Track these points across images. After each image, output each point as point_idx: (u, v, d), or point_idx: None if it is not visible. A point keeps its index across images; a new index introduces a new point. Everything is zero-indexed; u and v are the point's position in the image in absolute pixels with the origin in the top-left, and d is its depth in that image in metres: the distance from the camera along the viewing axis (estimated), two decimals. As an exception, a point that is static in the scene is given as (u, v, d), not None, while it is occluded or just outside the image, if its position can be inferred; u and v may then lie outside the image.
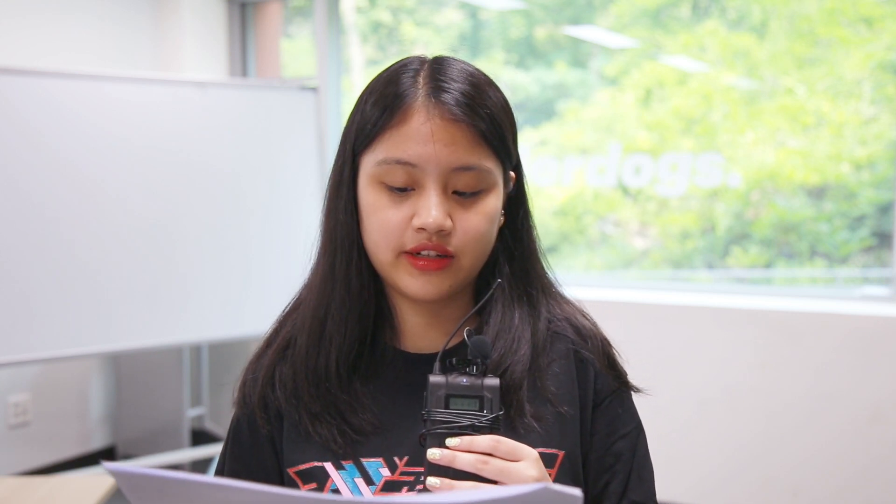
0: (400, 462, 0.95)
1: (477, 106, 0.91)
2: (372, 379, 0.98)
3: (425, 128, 0.89)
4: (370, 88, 0.95)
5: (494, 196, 0.94)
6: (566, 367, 0.99)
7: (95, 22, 3.89)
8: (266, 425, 1.00)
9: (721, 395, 3.23)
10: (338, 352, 0.96)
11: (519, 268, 1.00)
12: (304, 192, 3.75)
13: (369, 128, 0.92)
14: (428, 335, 1.00)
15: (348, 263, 0.95)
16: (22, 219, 3.14)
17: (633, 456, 1.00)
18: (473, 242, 0.92)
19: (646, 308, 3.40)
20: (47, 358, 3.25)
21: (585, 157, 3.86)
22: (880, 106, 3.38)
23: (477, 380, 0.85)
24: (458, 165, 0.90)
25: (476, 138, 0.91)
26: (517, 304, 0.99)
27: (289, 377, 0.99)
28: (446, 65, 0.94)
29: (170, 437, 3.97)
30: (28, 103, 3.16)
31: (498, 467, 0.82)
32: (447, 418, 0.84)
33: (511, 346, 0.96)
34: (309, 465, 0.96)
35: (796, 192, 3.55)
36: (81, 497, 1.84)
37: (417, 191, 0.91)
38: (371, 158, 0.92)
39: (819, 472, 3.08)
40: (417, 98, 0.91)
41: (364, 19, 4.45)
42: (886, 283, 3.24)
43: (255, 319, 3.57)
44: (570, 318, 1.03)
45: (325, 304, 0.97)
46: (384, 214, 0.91)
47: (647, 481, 1.01)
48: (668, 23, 3.81)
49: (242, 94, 3.69)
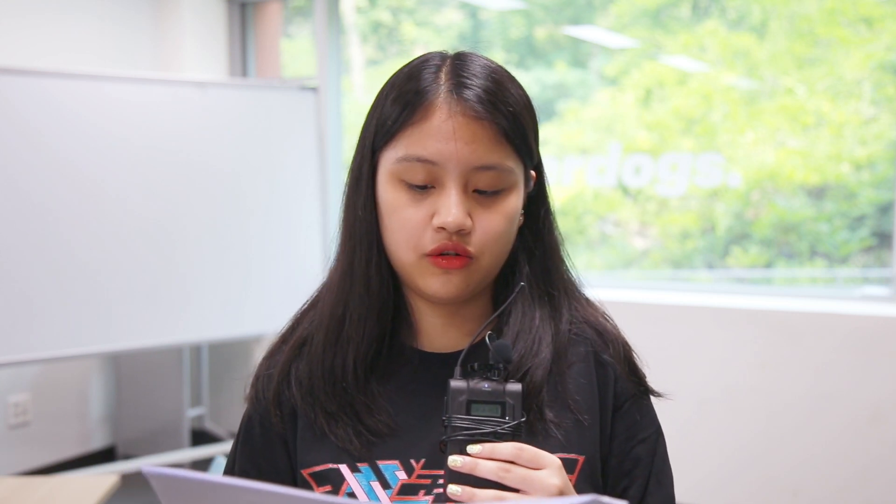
0: (416, 464, 0.92)
1: (499, 103, 0.89)
2: (388, 379, 0.96)
3: (447, 125, 0.87)
4: (390, 84, 0.93)
5: (515, 196, 0.92)
6: (586, 371, 0.97)
7: (95, 22, 3.89)
8: (280, 423, 0.97)
9: (721, 395, 3.23)
10: (355, 351, 0.94)
11: (540, 268, 0.98)
12: (304, 192, 3.75)
13: (389, 124, 0.90)
14: (446, 334, 0.98)
15: (367, 261, 0.93)
16: (22, 219, 3.14)
17: (653, 461, 0.99)
18: (493, 242, 0.90)
19: (646, 308, 3.40)
20: (47, 358, 3.25)
21: (585, 157, 3.86)
22: (880, 106, 3.38)
23: (499, 385, 0.83)
24: (479, 164, 0.88)
25: (498, 136, 0.89)
26: (538, 304, 0.97)
27: (304, 375, 0.97)
28: (468, 60, 0.92)
29: (170, 437, 3.97)
30: (28, 103, 3.16)
31: (520, 475, 0.80)
32: (468, 425, 0.82)
33: (531, 347, 0.94)
34: (324, 467, 0.94)
35: (796, 192, 3.54)
36: (81, 497, 1.84)
37: (437, 189, 0.89)
38: (391, 155, 0.90)
39: (819, 472, 3.08)
40: (439, 94, 0.89)
41: (364, 19, 4.45)
42: (886, 283, 3.24)
43: (255, 319, 3.57)
44: (591, 321, 1.01)
45: (343, 302, 0.95)
46: (404, 213, 0.90)
47: (666, 486, 0.99)
48: (668, 23, 3.81)
49: (242, 94, 3.69)
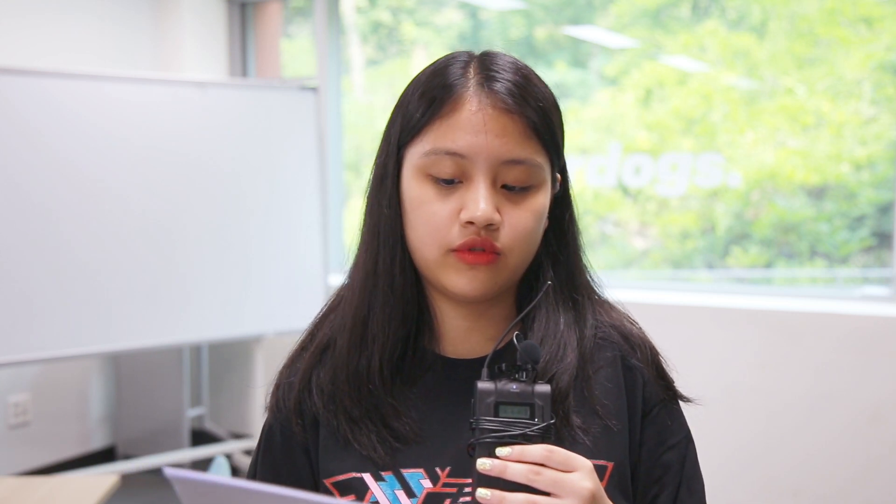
0: (442, 473, 0.90)
1: (529, 97, 0.88)
2: (412, 385, 0.94)
3: (477, 117, 0.86)
4: (416, 82, 0.92)
5: (543, 194, 0.90)
6: (613, 376, 0.96)
7: (95, 22, 3.90)
8: (301, 432, 0.96)
9: (721, 395, 3.23)
10: (381, 352, 0.92)
11: (564, 272, 0.97)
12: (304, 192, 3.75)
13: (417, 117, 0.89)
14: (469, 339, 0.96)
15: (392, 259, 0.91)
16: (22, 219, 3.14)
17: (683, 467, 0.97)
18: (521, 240, 0.89)
19: (646, 308, 3.38)
20: (47, 358, 3.25)
21: (585, 157, 3.85)
22: (880, 106, 3.38)
23: (527, 387, 0.82)
24: (508, 158, 0.87)
25: (528, 131, 0.87)
26: (562, 309, 0.95)
27: (327, 381, 0.95)
28: (496, 56, 0.91)
29: (170, 437, 3.97)
30: (28, 103, 3.16)
31: (551, 478, 0.78)
32: (497, 427, 0.80)
33: (557, 353, 0.92)
34: (347, 476, 0.92)
35: (796, 192, 3.54)
36: (81, 497, 1.84)
37: (465, 183, 0.87)
38: (418, 150, 0.89)
39: (819, 472, 3.08)
40: (468, 88, 0.88)
41: (364, 19, 4.45)
42: (886, 283, 3.24)
43: (255, 319, 3.57)
44: (617, 325, 0.99)
45: (367, 303, 0.93)
46: (430, 208, 0.88)
47: (697, 493, 0.97)
48: (668, 23, 3.81)
49: (242, 94, 3.69)
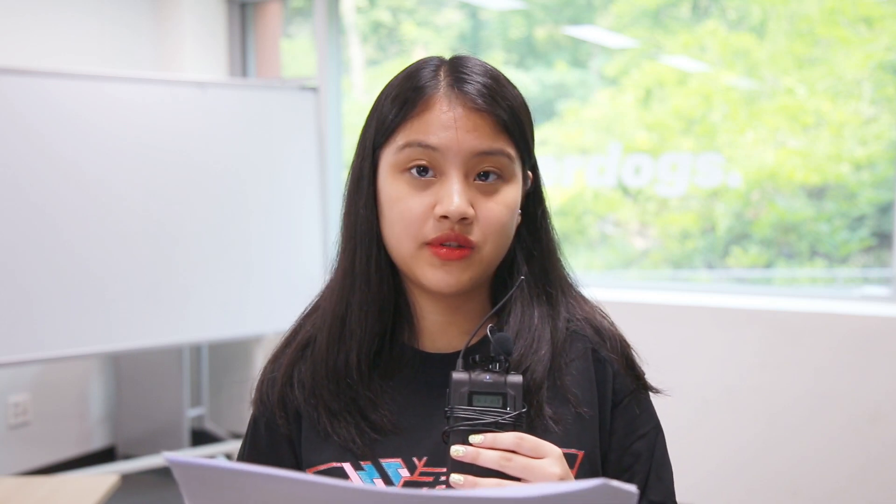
0: (419, 462, 0.94)
1: (499, 97, 0.91)
2: (390, 378, 0.98)
3: (447, 115, 0.90)
4: (388, 86, 0.96)
5: (514, 188, 0.94)
6: (585, 367, 0.99)
7: (95, 22, 3.90)
8: (285, 425, 1.00)
9: (721, 395, 3.23)
10: (358, 346, 0.96)
11: (538, 267, 1.00)
12: (304, 192, 3.75)
13: (390, 119, 0.92)
14: (446, 334, 0.99)
15: (368, 258, 0.95)
16: (22, 219, 3.14)
17: (652, 456, 1.00)
18: (494, 232, 0.92)
19: (646, 308, 3.40)
20: (47, 358, 3.25)
21: (585, 157, 3.86)
22: (880, 106, 3.38)
23: (500, 377, 0.85)
24: (480, 150, 0.90)
25: (498, 127, 0.91)
26: (536, 303, 0.98)
27: (308, 376, 0.99)
28: (466, 60, 0.95)
29: (170, 437, 3.97)
30: (28, 103, 3.16)
31: (522, 464, 0.81)
32: (470, 415, 0.84)
33: (531, 345, 0.96)
34: (327, 466, 0.96)
35: (796, 192, 3.54)
36: (81, 497, 1.85)
37: (439, 179, 0.91)
38: (392, 149, 0.92)
39: (819, 472, 3.08)
40: (439, 89, 0.91)
41: (364, 19, 4.45)
42: (886, 283, 3.24)
43: (255, 319, 3.57)
44: (589, 318, 1.03)
45: (345, 301, 0.97)
46: (405, 204, 0.91)
47: (665, 481, 1.01)
48: (668, 23, 3.81)
49: (242, 94, 3.69)
